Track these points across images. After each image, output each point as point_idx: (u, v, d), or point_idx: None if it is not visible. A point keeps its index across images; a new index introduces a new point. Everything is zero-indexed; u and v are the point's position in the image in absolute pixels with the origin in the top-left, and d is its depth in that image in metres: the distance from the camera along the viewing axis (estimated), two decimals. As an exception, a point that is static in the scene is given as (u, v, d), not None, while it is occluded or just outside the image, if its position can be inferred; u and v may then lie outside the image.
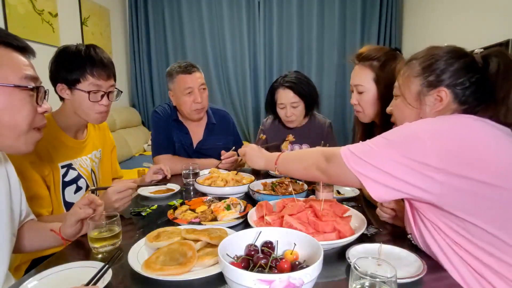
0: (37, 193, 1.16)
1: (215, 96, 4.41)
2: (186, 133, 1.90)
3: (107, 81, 1.27)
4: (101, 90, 1.25)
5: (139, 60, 4.37)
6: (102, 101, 1.26)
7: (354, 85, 1.30)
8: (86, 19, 3.44)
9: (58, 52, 1.25)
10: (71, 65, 1.21)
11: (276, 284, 0.57)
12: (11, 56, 0.78)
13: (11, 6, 2.40)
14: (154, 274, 0.72)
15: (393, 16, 4.12)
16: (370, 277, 0.58)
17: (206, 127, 1.93)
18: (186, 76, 1.76)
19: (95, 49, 1.26)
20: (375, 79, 1.23)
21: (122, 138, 3.65)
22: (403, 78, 0.94)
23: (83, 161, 1.37)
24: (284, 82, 1.84)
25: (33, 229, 1.01)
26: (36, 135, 0.85)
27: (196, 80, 1.78)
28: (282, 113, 1.89)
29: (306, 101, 1.86)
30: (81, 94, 1.23)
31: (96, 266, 0.78)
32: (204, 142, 1.91)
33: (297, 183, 1.38)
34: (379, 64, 1.23)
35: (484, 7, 2.71)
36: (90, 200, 0.95)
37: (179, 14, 4.29)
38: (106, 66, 1.26)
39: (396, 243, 0.88)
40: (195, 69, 1.81)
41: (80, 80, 1.22)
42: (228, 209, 1.12)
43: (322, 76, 4.34)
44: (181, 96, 1.78)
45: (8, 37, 0.79)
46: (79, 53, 1.22)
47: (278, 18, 4.27)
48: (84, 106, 1.25)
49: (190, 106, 1.78)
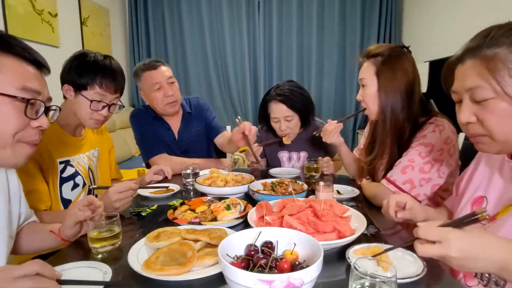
0: (36, 187, 1.17)
1: (215, 96, 4.41)
2: (168, 129, 1.90)
3: (113, 95, 1.30)
4: (104, 102, 1.28)
5: (139, 60, 4.37)
6: (102, 112, 1.29)
7: (359, 79, 1.31)
8: (86, 19, 3.44)
9: (76, 54, 1.28)
10: (83, 70, 1.24)
11: (276, 284, 0.57)
12: (18, 66, 0.78)
13: (10, 6, 2.40)
14: (154, 274, 0.72)
15: (392, 16, 4.12)
16: (370, 277, 0.58)
17: (182, 117, 1.93)
18: (151, 72, 1.75)
19: (111, 61, 1.30)
20: (376, 73, 1.25)
21: (122, 138, 3.64)
22: (494, 74, 0.70)
23: (81, 159, 1.38)
24: (276, 95, 1.74)
25: (33, 231, 1.01)
26: (26, 149, 0.82)
27: (162, 74, 1.76)
28: (276, 126, 1.81)
29: (300, 113, 1.77)
30: (84, 100, 1.25)
31: (96, 266, 0.78)
32: (183, 133, 1.91)
33: (297, 183, 1.38)
34: (382, 59, 1.24)
35: (484, 6, 2.71)
36: (89, 202, 0.95)
37: (179, 14, 4.29)
38: (116, 80, 1.29)
39: (396, 243, 0.87)
40: (159, 63, 1.78)
41: (87, 88, 1.25)
42: (228, 209, 1.11)
43: (322, 76, 4.35)
44: (151, 92, 1.76)
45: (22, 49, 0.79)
46: (95, 61, 1.25)
47: (278, 18, 4.27)
48: (83, 112, 1.27)
49: (161, 101, 1.76)
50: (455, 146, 1.17)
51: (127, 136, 3.80)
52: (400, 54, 1.24)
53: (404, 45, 1.29)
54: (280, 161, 1.96)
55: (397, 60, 1.23)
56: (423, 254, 0.64)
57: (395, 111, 1.23)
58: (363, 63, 1.31)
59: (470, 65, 0.74)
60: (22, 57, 0.79)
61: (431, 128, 1.18)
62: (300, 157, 1.94)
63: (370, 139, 1.47)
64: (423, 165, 1.15)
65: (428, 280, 0.73)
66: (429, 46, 3.44)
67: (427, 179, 1.15)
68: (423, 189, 1.16)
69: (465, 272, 0.82)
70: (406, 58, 1.25)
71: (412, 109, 1.23)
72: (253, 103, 4.44)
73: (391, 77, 1.22)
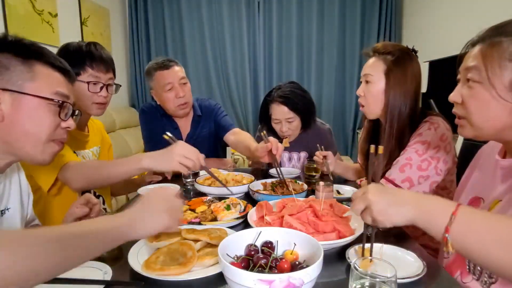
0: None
1: (215, 96, 4.41)
2: (176, 128, 1.89)
3: (106, 74, 1.33)
4: (100, 82, 1.31)
5: (139, 60, 4.37)
6: (101, 93, 1.32)
7: (363, 74, 1.28)
8: (86, 19, 3.44)
9: (60, 48, 1.32)
10: (72, 59, 1.24)
11: (276, 284, 0.57)
12: (50, 73, 0.87)
13: (11, 6, 2.40)
14: (154, 274, 0.72)
15: (392, 16, 4.12)
16: (370, 277, 0.58)
17: (192, 119, 1.93)
18: (164, 72, 1.74)
19: (96, 46, 1.33)
20: (386, 72, 1.22)
21: (121, 138, 3.64)
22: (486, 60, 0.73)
23: (86, 154, 1.40)
24: (278, 97, 1.73)
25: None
26: (55, 147, 0.90)
27: (175, 75, 1.75)
28: (277, 127, 1.80)
29: (302, 115, 1.77)
30: (81, 85, 1.28)
31: (96, 266, 0.78)
32: (192, 135, 1.91)
33: (297, 183, 1.38)
34: (392, 58, 1.22)
35: (485, 6, 2.71)
36: (86, 200, 0.99)
37: (179, 14, 4.28)
38: (105, 60, 1.32)
39: (396, 243, 0.88)
40: (173, 63, 1.77)
41: (80, 73, 1.28)
42: (228, 209, 1.12)
43: (322, 76, 4.34)
44: (162, 93, 1.75)
45: (52, 58, 0.88)
46: (80, 48, 1.29)
47: (278, 18, 4.27)
48: (84, 97, 1.29)
49: (173, 102, 1.76)
50: (450, 143, 1.18)
51: (127, 136, 3.79)
52: (411, 57, 1.24)
53: (413, 48, 1.27)
54: (281, 161, 1.96)
55: (409, 63, 1.22)
56: (356, 212, 0.73)
57: (403, 114, 1.22)
58: (369, 58, 1.29)
59: (477, 48, 0.76)
60: (53, 65, 0.88)
61: (426, 126, 1.19)
62: (301, 157, 1.94)
63: (366, 138, 1.46)
64: (420, 162, 1.15)
65: (428, 280, 0.73)
66: (429, 46, 3.43)
67: (425, 176, 1.16)
68: (421, 186, 1.16)
69: (461, 269, 0.82)
70: (416, 61, 1.25)
71: (416, 112, 1.24)
72: (253, 103, 4.44)
73: (402, 79, 1.21)
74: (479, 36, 0.78)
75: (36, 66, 0.84)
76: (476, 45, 0.78)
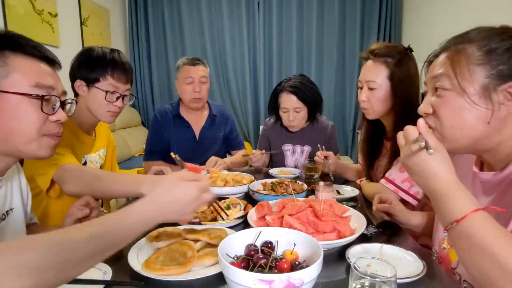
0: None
1: (215, 96, 4.41)
2: (188, 127, 1.99)
3: (125, 85, 1.32)
4: (118, 92, 1.30)
5: (138, 60, 4.37)
6: (117, 103, 1.30)
7: (365, 81, 1.25)
8: (86, 19, 3.43)
9: (82, 51, 1.31)
10: (94, 65, 1.26)
11: (276, 284, 0.57)
12: (28, 64, 0.79)
13: (10, 6, 2.40)
14: (154, 274, 0.72)
15: (392, 16, 4.12)
16: (370, 277, 0.58)
17: (208, 116, 2.05)
18: (189, 67, 1.92)
19: (119, 54, 1.32)
20: (390, 76, 1.21)
21: (121, 138, 3.64)
22: (455, 66, 0.72)
23: (93, 158, 1.41)
24: (288, 87, 1.81)
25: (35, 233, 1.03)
26: (50, 141, 0.84)
27: (197, 72, 1.91)
28: (285, 116, 1.87)
29: (309, 106, 1.83)
30: (98, 92, 1.27)
31: (96, 266, 0.78)
32: (206, 130, 2.03)
33: (297, 183, 1.38)
34: (394, 61, 1.20)
35: (484, 6, 2.71)
36: (86, 201, 0.98)
37: (179, 14, 4.28)
38: (127, 70, 1.32)
39: (396, 243, 0.88)
40: (199, 62, 1.95)
41: (100, 80, 1.26)
42: (228, 209, 1.12)
43: (322, 76, 4.34)
44: (182, 84, 1.92)
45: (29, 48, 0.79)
46: (103, 55, 1.28)
47: (278, 18, 4.27)
48: (98, 104, 1.28)
49: (189, 94, 1.91)
50: None
51: (127, 136, 3.80)
52: (409, 57, 1.24)
53: (409, 47, 1.26)
54: (284, 154, 1.99)
55: (409, 63, 1.22)
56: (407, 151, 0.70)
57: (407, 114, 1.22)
58: (367, 62, 1.27)
59: (443, 57, 0.76)
60: (32, 55, 0.80)
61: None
62: (304, 151, 1.97)
63: (366, 139, 1.45)
64: None
65: (428, 280, 0.73)
66: (429, 46, 3.43)
67: None
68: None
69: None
70: (414, 60, 1.25)
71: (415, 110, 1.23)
72: (253, 103, 4.44)
73: (407, 81, 1.20)
74: (442, 46, 0.78)
75: (11, 58, 0.76)
76: (440, 54, 0.77)
